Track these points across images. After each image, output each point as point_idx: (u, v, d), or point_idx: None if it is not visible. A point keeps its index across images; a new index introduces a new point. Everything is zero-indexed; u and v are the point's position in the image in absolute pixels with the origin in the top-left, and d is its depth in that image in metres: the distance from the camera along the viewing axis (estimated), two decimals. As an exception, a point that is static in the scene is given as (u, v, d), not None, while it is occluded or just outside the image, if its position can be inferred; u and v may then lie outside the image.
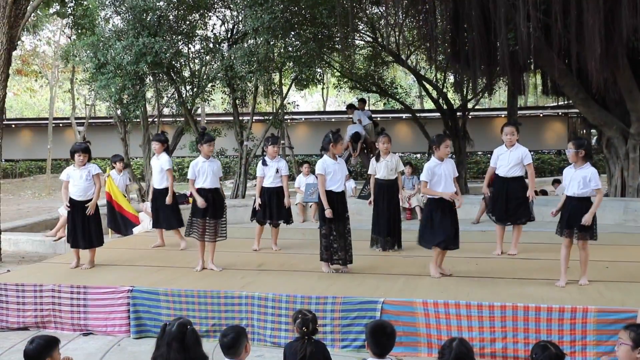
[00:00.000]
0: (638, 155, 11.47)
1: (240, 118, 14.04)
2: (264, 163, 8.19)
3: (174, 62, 13.24)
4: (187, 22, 13.54)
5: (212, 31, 14.32)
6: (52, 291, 6.33)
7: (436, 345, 5.22)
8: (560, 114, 28.36)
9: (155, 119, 14.36)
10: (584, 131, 28.92)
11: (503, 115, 25.47)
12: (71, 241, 7.33)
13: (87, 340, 6.02)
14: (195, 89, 13.59)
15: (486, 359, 5.20)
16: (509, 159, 7.56)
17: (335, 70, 17.61)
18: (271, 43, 12.31)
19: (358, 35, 15.99)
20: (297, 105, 17.17)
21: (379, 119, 27.01)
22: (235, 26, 13.98)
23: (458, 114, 15.32)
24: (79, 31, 14.41)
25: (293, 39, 13.61)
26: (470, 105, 16.30)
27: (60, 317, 6.29)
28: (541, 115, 29.26)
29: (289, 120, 23.70)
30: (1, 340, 6.01)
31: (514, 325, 5.17)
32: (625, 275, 6.16)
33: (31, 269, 7.48)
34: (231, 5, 13.81)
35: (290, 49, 13.40)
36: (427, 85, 16.84)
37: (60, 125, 31.66)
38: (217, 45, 13.67)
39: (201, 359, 3.63)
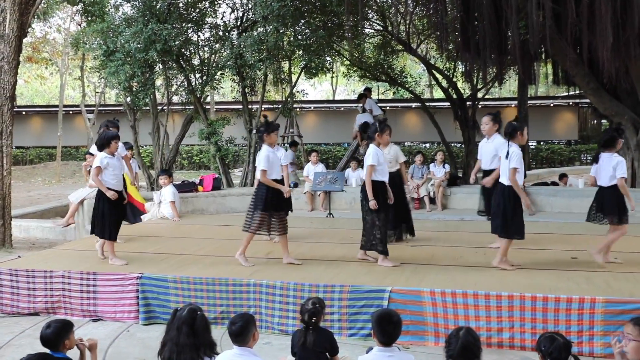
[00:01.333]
0: (649, 145, 11.40)
1: (250, 106, 14.02)
2: None
3: (183, 50, 13.23)
4: (197, 10, 13.52)
5: (221, 19, 14.29)
6: (62, 277, 6.38)
7: (443, 335, 5.23)
8: (570, 103, 28.20)
9: (165, 107, 14.38)
10: (595, 121, 28.87)
11: (513, 105, 25.35)
12: (109, 233, 6.86)
13: (97, 326, 6.08)
14: (204, 77, 13.58)
15: (493, 349, 5.21)
16: (487, 151, 7.58)
17: (344, 59, 17.53)
18: (281, 31, 12.26)
19: (368, 23, 15.90)
20: (307, 93, 17.13)
21: (388, 108, 26.98)
22: (245, 14, 13.94)
23: (468, 103, 15.22)
24: (89, 18, 14.39)
25: (303, 27, 13.56)
26: (480, 95, 16.19)
27: (70, 302, 6.35)
28: (552, 105, 29.09)
29: (298, 109, 23.65)
30: (12, 325, 6.08)
31: (521, 315, 5.18)
32: (633, 266, 6.14)
33: (41, 255, 7.54)
34: (241, -7, 13.78)
35: (299, 37, 13.35)
36: (437, 75, 16.75)
37: (70, 112, 31.80)
38: (227, 33, 13.64)
39: (209, 345, 3.67)
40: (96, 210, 6.89)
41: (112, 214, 6.82)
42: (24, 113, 32.15)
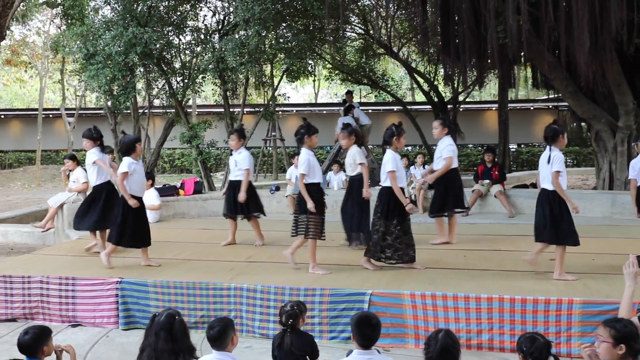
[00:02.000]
0: (626, 148, 11.53)
1: (231, 110, 14.02)
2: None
3: (164, 53, 13.19)
4: (178, 13, 13.48)
5: (203, 22, 14.28)
6: (41, 282, 6.32)
7: (423, 337, 5.24)
8: (550, 107, 28.48)
9: (146, 111, 14.31)
10: (574, 124, 29.15)
11: (494, 108, 25.56)
12: (131, 241, 6.76)
13: (76, 331, 6.02)
14: (185, 81, 13.54)
15: (472, 350, 5.24)
16: (437, 151, 7.78)
17: (326, 62, 17.59)
18: (262, 35, 12.27)
19: (349, 27, 15.97)
20: (288, 97, 17.18)
21: (370, 111, 27.06)
22: (226, 17, 13.94)
23: (449, 106, 15.37)
24: (69, 21, 14.31)
25: (284, 31, 13.58)
26: (461, 98, 16.34)
27: (49, 308, 6.29)
28: (532, 108, 29.37)
29: (280, 112, 23.66)
30: (-11, 332, 6.00)
31: (500, 317, 5.22)
32: (611, 267, 6.20)
33: (20, 260, 7.46)
34: (222, -4, 13.78)
35: (281, 40, 13.37)
36: (418, 78, 16.86)
37: (50, 116, 31.52)
38: (208, 37, 13.62)
39: (188, 350, 3.65)
40: (116, 215, 6.76)
41: (132, 221, 6.68)
42: (3, 116, 31.82)
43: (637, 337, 3.48)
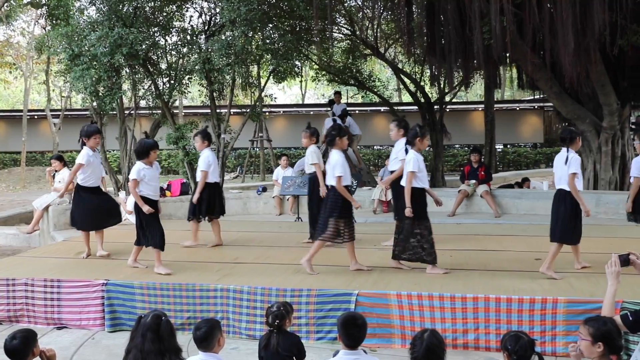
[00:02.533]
0: (610, 148, 11.65)
1: (218, 111, 13.96)
2: None
3: (150, 54, 13.11)
4: (164, 14, 13.41)
5: (189, 23, 14.20)
6: (25, 285, 6.28)
7: (410, 337, 5.24)
8: (536, 107, 28.67)
9: (132, 112, 14.24)
10: (559, 125, 29.40)
11: (480, 109, 25.70)
12: (157, 242, 6.70)
13: (61, 334, 5.99)
14: (172, 82, 13.47)
15: (459, 350, 5.28)
16: (392, 152, 7.80)
17: (313, 63, 17.58)
18: (249, 35, 12.24)
19: (336, 28, 15.99)
20: (275, 97, 17.13)
21: (357, 111, 27.12)
22: (213, 18, 13.88)
23: (435, 107, 15.39)
24: (54, 22, 14.17)
25: (271, 32, 13.56)
26: (447, 99, 16.39)
27: (34, 311, 6.25)
28: (518, 108, 29.54)
29: (267, 113, 23.62)
30: (-27, 335, 5.95)
31: (485, 317, 5.26)
32: (595, 267, 6.26)
33: (4, 263, 7.41)
34: (208, -3, 13.73)
35: (267, 41, 13.34)
36: (405, 79, 16.90)
37: (35, 117, 31.25)
38: (194, 38, 13.56)
39: (175, 351, 3.64)
40: (137, 221, 6.72)
41: (152, 223, 6.64)
42: (-13, 118, 31.50)
43: (616, 335, 3.55)
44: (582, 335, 3.57)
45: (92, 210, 7.41)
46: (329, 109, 15.31)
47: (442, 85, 15.32)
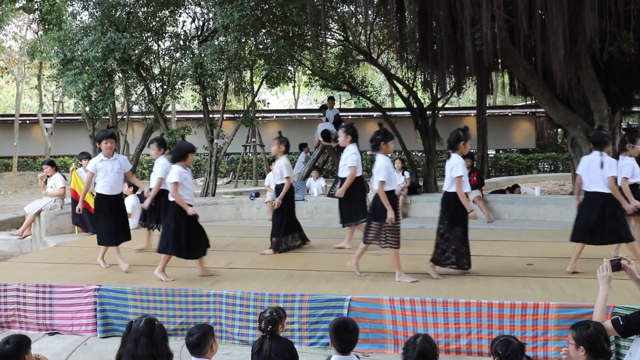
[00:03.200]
0: (601, 154, 11.69)
1: (211, 116, 13.98)
2: None
3: (143, 59, 13.13)
4: (157, 19, 13.44)
5: (182, 28, 14.23)
6: (17, 290, 6.25)
7: (402, 342, 5.26)
8: (528, 113, 28.83)
9: (125, 117, 14.22)
10: (551, 131, 29.57)
11: (472, 114, 25.80)
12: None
13: (53, 339, 5.97)
14: (165, 87, 13.49)
15: (451, 355, 5.29)
16: (341, 159, 7.82)
17: (306, 69, 17.62)
18: (241, 41, 12.27)
19: (329, 33, 16.03)
20: (268, 103, 17.16)
21: (349, 117, 27.17)
22: (206, 23, 13.92)
23: (428, 112, 15.44)
24: (46, 26, 14.17)
25: (263, 37, 13.60)
26: (439, 104, 16.45)
27: (25, 316, 6.22)
28: (510, 114, 29.69)
29: (260, 118, 23.64)
30: (-36, 341, 5.91)
31: (478, 322, 5.27)
32: (586, 271, 6.30)
33: (-5, 268, 7.36)
34: (201, 2, 13.76)
35: (260, 46, 13.38)
36: (398, 84, 16.95)
37: (27, 122, 31.13)
38: (187, 43, 13.59)
39: (167, 356, 3.64)
40: (167, 226, 6.50)
41: (187, 231, 6.45)
42: (-22, 123, 31.34)
43: (598, 339, 3.58)
44: (569, 340, 3.63)
45: (104, 224, 7.08)
46: (321, 114, 15.32)
47: (434, 91, 15.37)
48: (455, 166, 6.14)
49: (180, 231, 6.39)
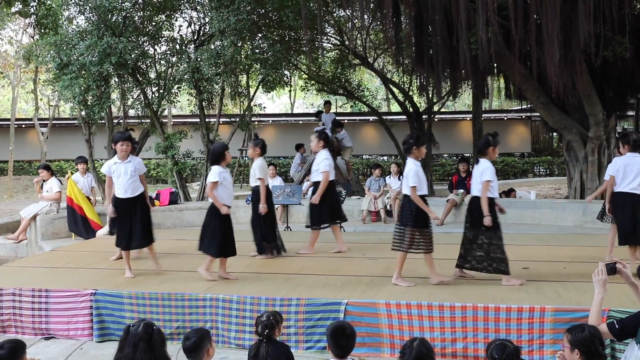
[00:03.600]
0: (596, 158, 11.76)
1: (207, 120, 13.99)
2: None
3: (139, 64, 13.13)
4: (153, 23, 13.45)
5: (178, 32, 14.26)
6: (13, 295, 6.23)
7: (399, 346, 5.27)
8: (523, 117, 28.89)
9: (121, 121, 14.22)
10: (546, 134, 29.66)
11: (468, 119, 25.84)
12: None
13: (49, 344, 5.95)
14: (161, 91, 13.50)
15: (447, 359, 5.30)
16: (314, 164, 7.88)
17: (302, 73, 17.66)
18: (238, 45, 12.29)
19: (325, 38, 16.07)
20: (264, 107, 17.17)
21: (346, 121, 27.18)
22: (202, 28, 13.94)
23: (424, 116, 15.51)
24: (42, 31, 14.16)
25: (260, 41, 13.63)
26: (435, 108, 16.51)
27: (21, 321, 6.20)
28: (505, 118, 29.76)
29: (256, 123, 23.65)
30: (-40, 346, 5.89)
31: (474, 325, 5.28)
32: (582, 275, 6.31)
33: (-9, 273, 7.34)
34: (197, 7, 13.78)
35: (257, 51, 13.41)
36: (394, 88, 17.02)
37: (23, 126, 31.08)
38: (184, 47, 13.61)
39: (164, 360, 3.64)
40: (207, 226, 6.56)
41: (222, 230, 6.50)
42: (-27, 127, 31.26)
43: (594, 343, 3.60)
44: (564, 343, 3.65)
45: (119, 227, 7.00)
46: (318, 119, 15.34)
47: (430, 95, 15.44)
48: (485, 170, 6.12)
49: (215, 230, 6.46)
